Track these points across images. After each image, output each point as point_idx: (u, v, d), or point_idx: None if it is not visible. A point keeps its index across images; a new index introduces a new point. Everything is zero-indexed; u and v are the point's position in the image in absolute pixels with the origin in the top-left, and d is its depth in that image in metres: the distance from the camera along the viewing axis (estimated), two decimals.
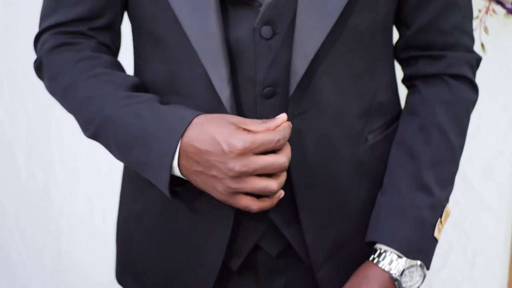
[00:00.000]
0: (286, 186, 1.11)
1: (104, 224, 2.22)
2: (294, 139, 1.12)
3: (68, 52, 1.16)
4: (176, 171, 1.07)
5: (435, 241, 1.17)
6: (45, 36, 1.19)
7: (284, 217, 1.17)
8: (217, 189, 1.04)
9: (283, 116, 1.05)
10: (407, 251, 1.14)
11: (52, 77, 1.17)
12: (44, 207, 2.28)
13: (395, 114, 1.25)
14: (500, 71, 1.91)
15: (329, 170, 1.16)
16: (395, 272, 1.13)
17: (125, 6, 1.21)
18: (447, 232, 2.01)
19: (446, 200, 1.18)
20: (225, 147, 1.02)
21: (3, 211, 2.33)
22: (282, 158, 1.04)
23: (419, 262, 1.15)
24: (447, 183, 1.19)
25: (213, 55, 1.07)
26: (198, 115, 1.05)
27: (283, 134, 1.04)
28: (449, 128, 1.18)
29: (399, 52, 1.24)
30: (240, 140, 1.01)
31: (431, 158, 1.17)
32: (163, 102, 1.12)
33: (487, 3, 1.75)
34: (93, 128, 1.12)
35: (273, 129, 1.04)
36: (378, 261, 1.15)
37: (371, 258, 1.16)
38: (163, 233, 1.22)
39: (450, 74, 1.19)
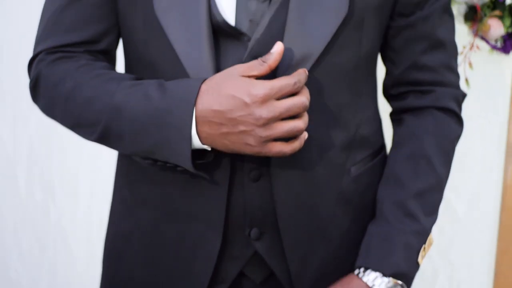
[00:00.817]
0: (270, 216, 1.15)
1: (102, 244, 2.22)
2: (277, 170, 1.14)
3: (68, 63, 1.16)
4: (196, 141, 1.06)
5: (417, 266, 1.19)
6: (40, 56, 1.19)
7: (268, 246, 1.18)
8: (249, 142, 1.04)
9: (277, 47, 1.05)
10: (393, 274, 1.16)
11: (53, 85, 1.15)
12: (43, 226, 2.30)
13: (378, 147, 1.27)
14: (484, 105, 1.94)
15: (313, 200, 1.17)
16: None
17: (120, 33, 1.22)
18: (433, 261, 2.03)
19: (431, 228, 1.21)
20: (246, 99, 1.02)
21: (1, 229, 2.35)
22: (303, 98, 1.05)
23: (400, 282, 1.17)
24: (432, 212, 1.21)
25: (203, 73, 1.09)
26: (204, 80, 1.06)
27: (299, 77, 1.05)
28: (436, 159, 1.20)
29: (388, 89, 1.26)
30: (260, 88, 1.02)
31: (418, 187, 1.19)
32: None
33: (471, 39, 1.79)
34: (103, 124, 1.11)
35: (273, 64, 1.05)
36: (363, 276, 1.17)
37: (356, 272, 1.18)
38: (151, 255, 1.23)
39: (437, 107, 1.22)
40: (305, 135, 1.07)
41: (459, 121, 1.25)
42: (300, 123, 1.05)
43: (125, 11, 1.16)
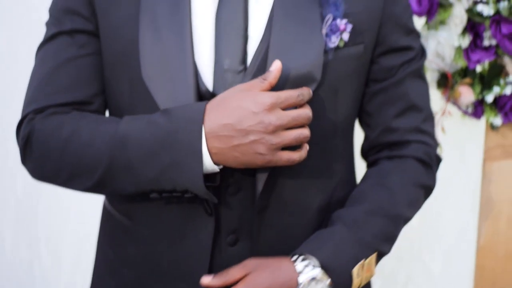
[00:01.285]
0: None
1: None
2: (256, 233, 1.14)
3: (62, 115, 1.15)
4: (207, 159, 1.06)
5: (350, 279, 1.13)
6: (30, 115, 1.16)
7: None
8: (260, 151, 1.04)
9: (275, 65, 1.06)
10: (325, 264, 1.11)
11: (47, 137, 1.13)
12: (28, 284, 2.29)
13: None
14: (458, 167, 1.94)
15: None
16: (304, 277, 1.10)
17: None
18: None
19: (374, 251, 1.16)
20: (254, 108, 1.03)
21: None
22: (307, 110, 1.06)
23: (329, 280, 1.11)
24: (381, 236, 1.18)
25: None
26: (207, 102, 1.06)
27: (302, 92, 1.06)
28: (398, 196, 1.19)
29: (365, 153, 1.28)
30: (266, 97, 1.03)
31: (372, 207, 1.18)
32: None
33: (444, 105, 1.81)
34: (106, 161, 1.09)
35: (273, 80, 1.06)
36: (295, 261, 1.12)
37: (291, 257, 1.13)
38: None
39: (410, 155, 1.22)
40: (306, 147, 1.09)
41: (432, 173, 1.24)
42: (306, 131, 1.07)
43: (112, 76, 1.17)
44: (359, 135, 1.29)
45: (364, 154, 1.29)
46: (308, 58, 1.10)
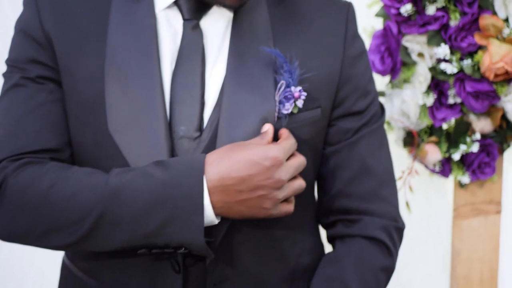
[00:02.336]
0: None
1: None
2: None
3: (36, 166, 1.10)
4: (209, 212, 1.04)
5: None
6: (3, 163, 1.11)
7: None
8: (265, 206, 1.04)
9: (267, 127, 1.08)
10: None
11: (22, 190, 1.07)
12: None
13: None
14: (427, 228, 1.95)
15: None
16: None
17: None
18: None
19: None
20: (267, 163, 1.03)
21: None
22: (302, 157, 1.08)
23: None
24: None
25: None
26: (206, 154, 1.05)
27: (294, 139, 1.08)
28: (353, 285, 1.16)
29: (320, 217, 1.25)
30: (276, 151, 1.04)
31: None
32: None
33: (410, 164, 1.80)
34: (95, 215, 1.04)
35: (271, 139, 1.07)
36: None
37: None
38: None
39: (364, 235, 1.19)
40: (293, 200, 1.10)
41: (388, 252, 1.20)
42: (303, 182, 1.08)
43: (75, 127, 1.14)
44: None
45: (319, 218, 1.25)
46: (260, 127, 1.09)
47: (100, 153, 1.12)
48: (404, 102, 1.76)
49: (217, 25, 1.15)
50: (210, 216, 1.04)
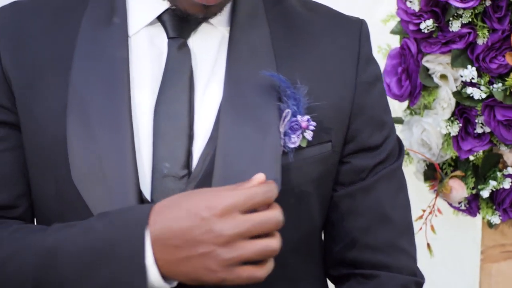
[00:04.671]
0: None
1: None
2: None
3: None
4: (154, 274, 0.95)
5: None
6: None
7: None
8: (212, 267, 0.94)
9: (258, 176, 0.97)
10: None
11: None
12: None
13: None
14: (452, 273, 1.90)
15: None
16: None
17: None
18: None
19: None
20: (204, 213, 0.93)
21: None
22: (276, 211, 0.95)
23: None
24: None
25: None
26: (154, 204, 0.98)
27: (270, 187, 0.96)
28: None
29: (329, 269, 1.18)
30: (221, 197, 0.94)
31: None
32: None
33: (432, 201, 1.73)
34: (32, 280, 0.99)
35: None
36: None
37: None
38: None
39: None
40: (272, 259, 0.98)
41: None
42: (274, 242, 0.96)
43: (35, 176, 1.10)
44: None
45: (328, 270, 1.19)
46: (263, 163, 1.03)
47: (63, 207, 1.07)
48: (424, 131, 1.71)
49: (208, 44, 1.09)
50: (156, 279, 0.95)
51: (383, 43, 1.74)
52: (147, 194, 1.04)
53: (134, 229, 0.96)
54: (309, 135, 1.05)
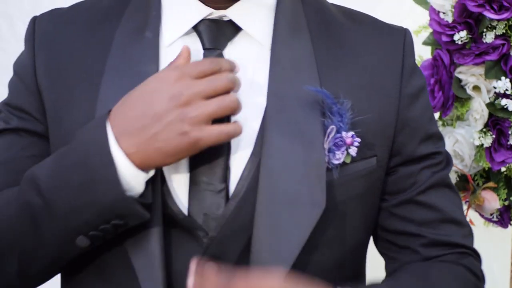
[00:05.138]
0: None
1: None
2: None
3: None
4: (125, 165, 0.95)
5: None
6: None
7: None
8: (183, 129, 0.94)
9: (184, 49, 1.00)
10: None
11: None
12: None
13: None
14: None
15: None
16: None
17: None
18: None
19: None
20: (159, 85, 0.96)
21: None
22: (225, 73, 0.97)
23: None
24: None
25: (152, 276, 1.00)
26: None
27: (216, 59, 0.99)
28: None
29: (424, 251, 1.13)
30: (168, 70, 0.97)
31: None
32: None
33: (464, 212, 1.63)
34: (17, 201, 1.01)
35: (181, 62, 0.99)
36: None
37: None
38: None
39: (459, 263, 1.10)
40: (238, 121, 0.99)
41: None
42: (231, 96, 0.97)
43: None
44: None
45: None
46: (308, 180, 1.01)
47: None
48: (457, 142, 1.69)
49: (245, 55, 1.06)
50: (126, 166, 0.95)
51: (415, 54, 1.72)
52: (183, 208, 1.02)
53: (95, 129, 0.97)
54: (353, 151, 1.03)
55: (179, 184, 1.02)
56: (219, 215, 1.01)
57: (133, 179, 0.96)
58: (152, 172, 0.98)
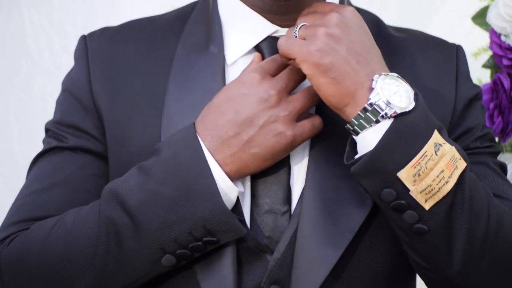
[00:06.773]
0: None
1: None
2: None
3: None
4: (221, 177, 0.94)
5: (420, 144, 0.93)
6: (15, 235, 1.04)
7: None
8: (278, 130, 0.95)
9: (256, 56, 1.02)
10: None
11: (22, 240, 1.01)
12: None
13: None
14: None
15: None
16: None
17: None
18: None
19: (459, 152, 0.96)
20: (243, 90, 0.96)
21: None
22: (293, 67, 0.97)
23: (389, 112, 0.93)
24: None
25: None
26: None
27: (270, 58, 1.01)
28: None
29: None
30: (248, 73, 0.98)
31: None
32: None
33: None
34: (105, 231, 0.96)
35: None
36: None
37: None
38: None
39: None
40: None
41: None
42: (310, 88, 0.98)
43: None
44: None
45: None
46: (359, 192, 0.99)
47: None
48: None
49: None
50: (223, 181, 0.94)
51: (474, 77, 1.67)
52: (249, 230, 1.00)
53: (185, 142, 0.95)
54: None
55: (242, 206, 1.00)
56: (283, 237, 0.99)
57: (230, 192, 0.95)
58: (242, 187, 0.98)
